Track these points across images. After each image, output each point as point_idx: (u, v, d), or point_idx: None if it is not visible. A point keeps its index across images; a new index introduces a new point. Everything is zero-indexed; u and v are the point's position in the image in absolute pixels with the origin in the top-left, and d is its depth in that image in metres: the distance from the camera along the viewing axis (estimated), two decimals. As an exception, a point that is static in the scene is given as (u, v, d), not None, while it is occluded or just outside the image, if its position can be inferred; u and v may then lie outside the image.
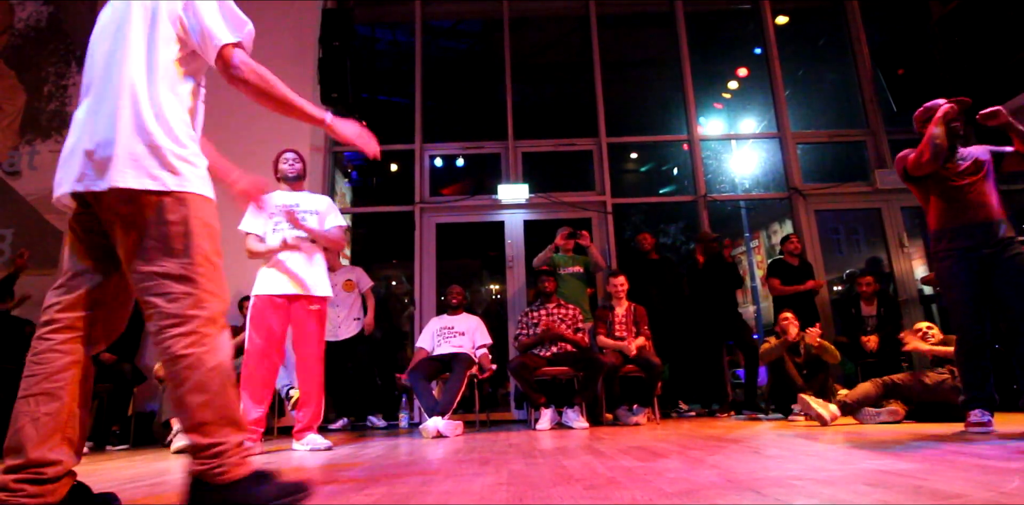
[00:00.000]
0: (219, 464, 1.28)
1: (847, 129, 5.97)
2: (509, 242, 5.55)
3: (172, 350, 1.32)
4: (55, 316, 1.40)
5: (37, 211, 5.10)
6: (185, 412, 1.30)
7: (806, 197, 5.61)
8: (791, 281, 4.90)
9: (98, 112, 1.40)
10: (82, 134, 1.40)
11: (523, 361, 4.21)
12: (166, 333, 1.33)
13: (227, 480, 1.28)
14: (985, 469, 1.58)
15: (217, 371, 1.33)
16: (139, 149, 1.35)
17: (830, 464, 1.83)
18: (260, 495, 1.28)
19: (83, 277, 1.44)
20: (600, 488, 1.57)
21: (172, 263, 1.35)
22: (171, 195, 1.36)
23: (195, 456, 1.30)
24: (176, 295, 1.34)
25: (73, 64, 5.47)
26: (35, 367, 1.37)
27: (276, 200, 3.03)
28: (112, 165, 1.32)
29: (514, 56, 6.05)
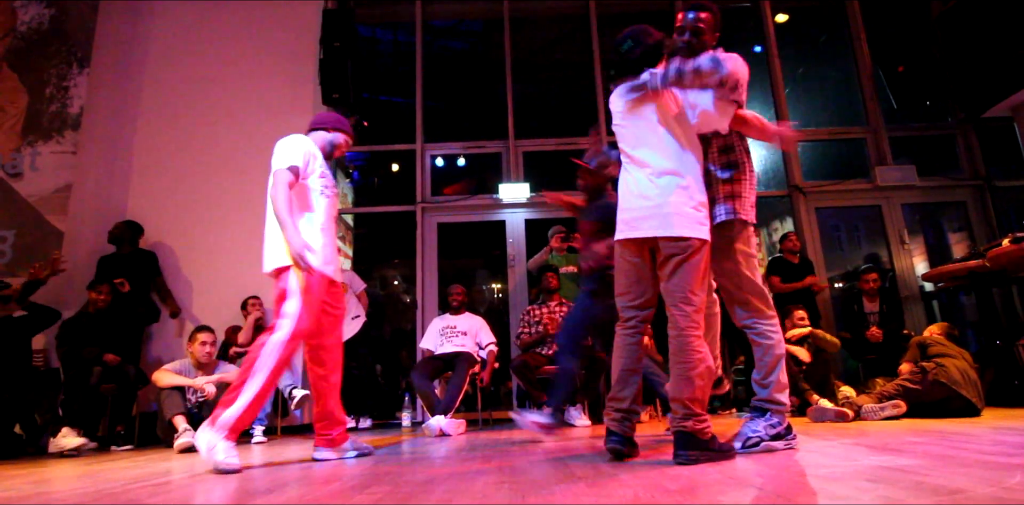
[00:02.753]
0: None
1: (847, 126, 5.96)
2: (510, 241, 5.55)
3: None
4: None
5: (38, 212, 5.11)
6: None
7: (806, 195, 5.60)
8: (791, 279, 4.89)
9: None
10: None
11: (525, 360, 4.21)
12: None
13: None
14: (987, 465, 1.58)
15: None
16: None
17: (832, 460, 1.83)
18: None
19: None
20: (602, 486, 1.57)
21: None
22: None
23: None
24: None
25: (74, 66, 5.47)
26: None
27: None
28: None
29: (515, 55, 6.04)
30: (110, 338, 4.15)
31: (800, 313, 4.20)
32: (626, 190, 2.13)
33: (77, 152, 5.23)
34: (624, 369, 2.17)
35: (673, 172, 2.06)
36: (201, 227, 5.16)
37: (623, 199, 2.14)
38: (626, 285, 2.18)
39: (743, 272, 2.21)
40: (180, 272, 5.08)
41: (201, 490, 1.83)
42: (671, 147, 2.09)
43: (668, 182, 2.05)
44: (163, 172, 5.32)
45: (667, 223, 2.01)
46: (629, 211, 2.11)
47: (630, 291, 2.18)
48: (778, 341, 2.22)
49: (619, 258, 2.18)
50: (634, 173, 2.12)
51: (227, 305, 4.77)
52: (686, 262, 2.01)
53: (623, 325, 2.20)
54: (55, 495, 1.87)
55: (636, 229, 2.08)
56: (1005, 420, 2.86)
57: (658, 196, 2.04)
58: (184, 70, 5.57)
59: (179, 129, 5.43)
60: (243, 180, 5.25)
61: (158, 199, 5.24)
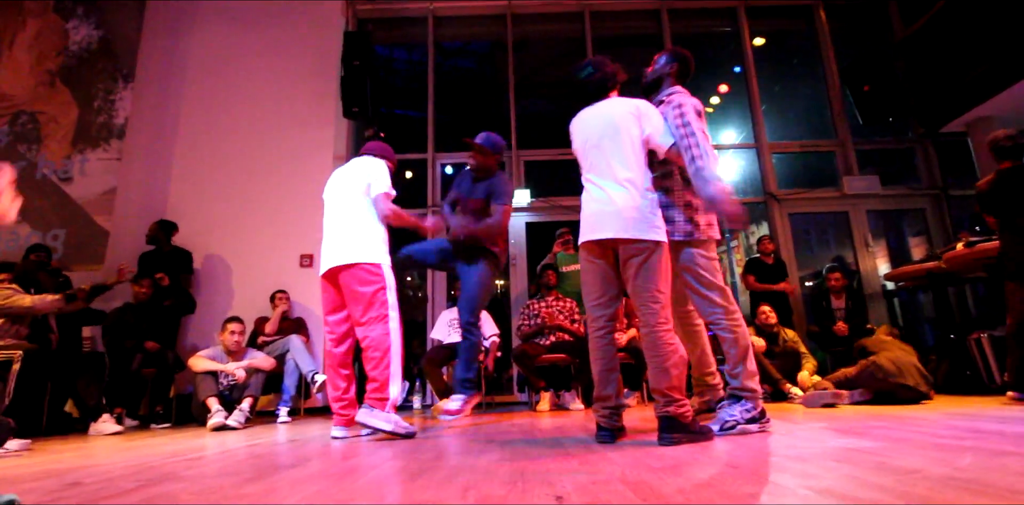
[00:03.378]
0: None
1: (818, 140, 5.95)
2: (512, 242, 5.55)
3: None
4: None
5: (87, 213, 5.13)
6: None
7: (780, 202, 5.60)
8: (766, 278, 4.89)
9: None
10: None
11: (525, 349, 4.21)
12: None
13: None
14: (940, 447, 1.58)
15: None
16: None
17: (801, 442, 1.83)
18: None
19: None
20: (593, 463, 1.58)
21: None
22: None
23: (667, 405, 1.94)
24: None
25: (120, 81, 5.49)
26: None
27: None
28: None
29: (518, 74, 6.05)
30: (151, 327, 4.16)
31: (763, 309, 4.26)
32: (589, 198, 2.14)
33: (122, 159, 5.25)
34: (604, 369, 2.13)
35: (631, 182, 2.07)
36: (232, 227, 5.17)
37: (586, 206, 2.14)
38: (592, 285, 2.15)
39: (702, 273, 2.23)
40: (214, 268, 5.09)
41: (232, 463, 1.84)
42: (633, 164, 2.11)
43: (628, 191, 2.06)
44: (199, 177, 5.33)
45: (625, 226, 2.02)
46: (592, 216, 2.11)
47: (596, 291, 2.14)
48: (741, 334, 2.22)
49: (584, 261, 2.15)
50: (597, 183, 2.12)
51: (256, 298, 4.78)
52: (646, 262, 2.01)
53: (593, 326, 2.15)
54: (101, 467, 1.88)
55: (597, 231, 2.07)
56: (957, 406, 2.86)
57: (618, 202, 2.05)
58: (219, 86, 5.58)
59: (214, 138, 5.43)
60: (271, 184, 5.26)
61: (194, 201, 5.25)
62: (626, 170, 2.09)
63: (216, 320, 4.71)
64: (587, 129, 2.20)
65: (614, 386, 2.12)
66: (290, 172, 5.30)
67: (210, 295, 4.99)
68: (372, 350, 2.52)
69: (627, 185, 2.07)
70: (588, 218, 2.11)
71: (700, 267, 2.23)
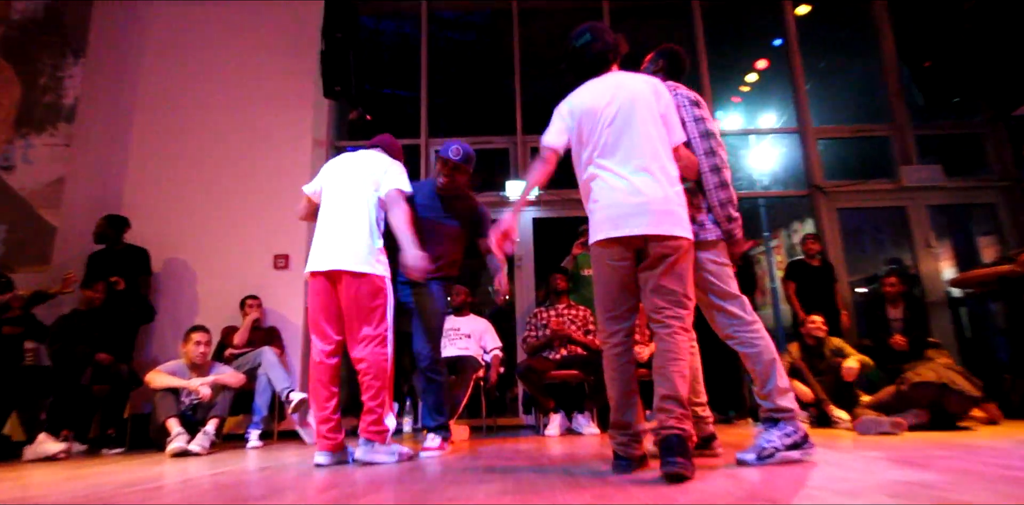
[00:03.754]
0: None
1: (871, 124, 5.92)
2: (517, 241, 5.54)
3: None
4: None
5: (31, 206, 5.15)
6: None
7: (828, 195, 5.57)
8: (810, 283, 4.86)
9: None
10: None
11: (531, 364, 4.21)
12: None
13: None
14: (1013, 480, 1.56)
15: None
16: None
17: (851, 474, 1.81)
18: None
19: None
20: (610, 497, 1.57)
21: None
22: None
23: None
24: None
25: (69, 56, 5.51)
26: None
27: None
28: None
29: (523, 48, 6.04)
30: (103, 337, 4.18)
31: (814, 319, 4.19)
32: (604, 188, 2.08)
33: (71, 145, 5.27)
34: (622, 393, 2.08)
35: (661, 169, 2.06)
36: (197, 223, 5.19)
37: (601, 197, 2.08)
38: (607, 294, 2.10)
39: (714, 280, 2.21)
40: (176, 270, 5.11)
41: (195, 495, 1.84)
42: (659, 147, 2.10)
43: (655, 179, 2.04)
44: (159, 166, 5.36)
45: (657, 220, 1.99)
46: (612, 208, 2.05)
47: (614, 299, 2.09)
48: (765, 347, 2.19)
49: (600, 264, 2.09)
50: (615, 170, 2.07)
51: (224, 304, 4.80)
52: (678, 263, 2.00)
53: (610, 342, 2.10)
54: (42, 499, 1.89)
55: (621, 227, 2.02)
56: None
57: (646, 192, 2.01)
58: (182, 61, 5.60)
59: (176, 122, 5.46)
60: (242, 174, 5.28)
61: (153, 194, 5.27)
62: (652, 155, 2.07)
63: (178, 329, 4.72)
64: (597, 104, 2.15)
65: (633, 411, 2.08)
66: (263, 160, 5.32)
67: (171, 301, 5.01)
68: (371, 377, 2.57)
69: (655, 172, 2.05)
70: (607, 211, 2.05)
71: (712, 274, 2.21)
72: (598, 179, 2.11)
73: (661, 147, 2.10)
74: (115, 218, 4.83)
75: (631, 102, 2.13)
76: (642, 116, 2.11)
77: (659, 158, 2.08)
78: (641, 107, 2.12)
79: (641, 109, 2.12)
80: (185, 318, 4.87)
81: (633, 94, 2.14)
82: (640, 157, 2.06)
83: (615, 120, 2.11)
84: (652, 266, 2.02)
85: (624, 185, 2.04)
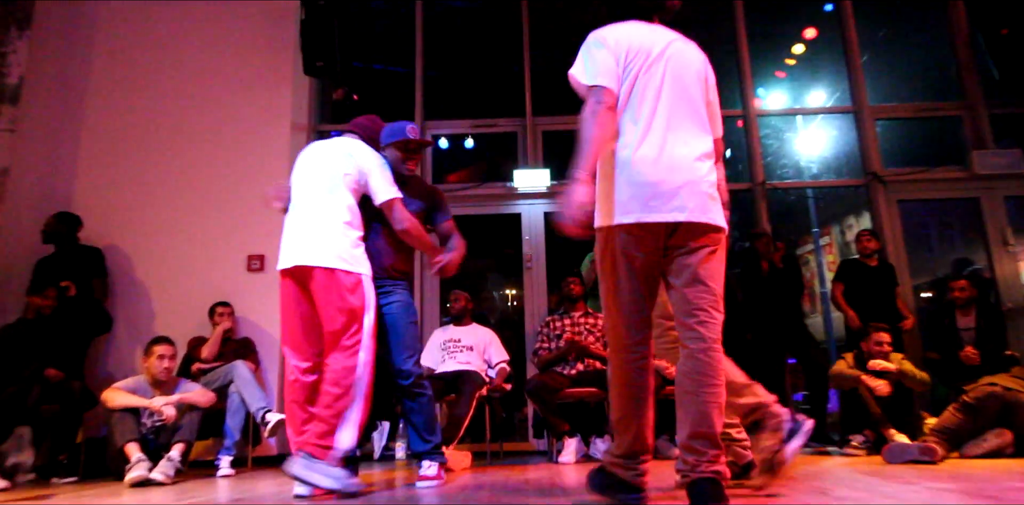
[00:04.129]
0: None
1: (938, 102, 5.87)
2: (527, 238, 5.54)
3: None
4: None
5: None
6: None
7: (887, 184, 5.54)
8: (864, 285, 4.82)
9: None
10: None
11: (543, 381, 4.20)
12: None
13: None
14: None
15: None
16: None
17: (915, 508, 1.80)
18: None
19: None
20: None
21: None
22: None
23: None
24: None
25: (12, 28, 5.54)
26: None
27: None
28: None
29: (533, 18, 6.04)
30: (53, 350, 4.20)
31: (882, 337, 4.12)
32: (642, 157, 1.93)
33: (15, 130, 5.30)
34: (643, 413, 1.98)
35: (706, 154, 2.02)
36: (161, 220, 5.21)
37: (638, 165, 1.93)
38: (635, 291, 1.96)
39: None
40: (135, 273, 5.14)
41: (155, 532, 1.85)
42: (705, 132, 2.06)
43: (703, 159, 2.00)
44: (116, 154, 5.38)
45: (703, 206, 1.93)
46: (648, 187, 1.91)
47: (640, 299, 1.97)
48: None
49: (621, 254, 1.94)
50: (656, 137, 1.95)
51: (191, 313, 4.82)
52: (715, 256, 1.95)
53: (638, 351, 1.97)
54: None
55: (659, 209, 1.89)
56: None
57: (698, 170, 1.96)
58: (141, 35, 5.62)
59: (135, 103, 5.48)
60: (210, 164, 5.30)
61: (110, 188, 5.30)
62: (700, 132, 2.03)
63: (138, 341, 4.74)
64: (649, 48, 2.03)
65: (650, 434, 2.00)
66: (235, 148, 5.34)
67: (130, 309, 5.04)
68: (330, 384, 2.56)
69: (701, 151, 2.00)
70: (638, 189, 1.91)
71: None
72: (629, 143, 1.96)
73: (706, 131, 2.06)
74: (68, 215, 4.86)
75: (686, 66, 2.07)
76: (694, 88, 2.06)
77: (705, 140, 2.04)
78: (692, 78, 2.07)
79: (692, 79, 2.07)
80: (146, 328, 4.90)
81: (687, 60, 2.09)
82: (688, 130, 2.00)
83: (666, 77, 2.02)
84: (687, 257, 1.93)
85: (665, 158, 1.93)
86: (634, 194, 1.91)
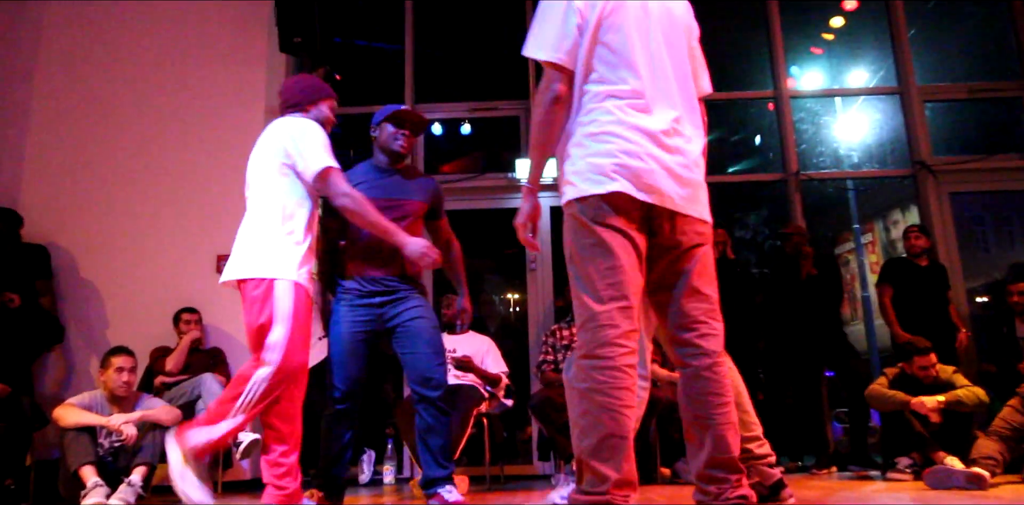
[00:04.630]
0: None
1: (995, 81, 5.88)
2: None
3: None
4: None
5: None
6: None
7: (937, 175, 5.54)
8: (914, 287, 4.82)
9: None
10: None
11: (549, 396, 4.21)
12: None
13: None
14: None
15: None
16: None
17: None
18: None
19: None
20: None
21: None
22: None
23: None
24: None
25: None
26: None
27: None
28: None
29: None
30: (-2, 362, 4.22)
31: (926, 361, 4.02)
32: (629, 128, 1.84)
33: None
34: (621, 432, 1.85)
35: (697, 126, 2.01)
36: (118, 217, 5.22)
37: (624, 135, 1.83)
38: (616, 279, 1.79)
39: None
40: (89, 277, 5.14)
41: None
42: (694, 95, 2.04)
43: (695, 138, 1.99)
44: (68, 144, 5.38)
45: (696, 196, 1.92)
46: (640, 158, 1.81)
47: (629, 285, 1.81)
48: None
49: (605, 230, 1.81)
50: (643, 112, 1.87)
51: (153, 320, 4.83)
52: (708, 255, 1.95)
53: (625, 346, 1.78)
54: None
55: (652, 190, 1.81)
56: None
57: (692, 150, 1.94)
58: (97, 5, 5.62)
59: (90, 85, 5.48)
60: (174, 153, 5.30)
61: (61, 182, 5.30)
62: (690, 100, 2.00)
63: (93, 352, 4.75)
64: (628, 3, 1.93)
65: (631, 456, 1.90)
66: (202, 133, 5.34)
67: (83, 316, 5.05)
68: (232, 384, 2.58)
69: (694, 126, 1.99)
70: (629, 160, 1.82)
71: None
72: (612, 118, 1.86)
73: (694, 93, 2.03)
74: (8, 212, 4.81)
75: (670, 19, 2.01)
76: (680, 43, 2.01)
77: (695, 108, 2.02)
78: (679, 30, 2.02)
79: (679, 33, 2.02)
80: (102, 338, 4.91)
81: (670, 8, 2.02)
82: (679, 99, 1.95)
83: (652, 36, 1.94)
84: (681, 262, 1.89)
85: (657, 136, 1.86)
86: (622, 166, 1.82)
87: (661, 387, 4.31)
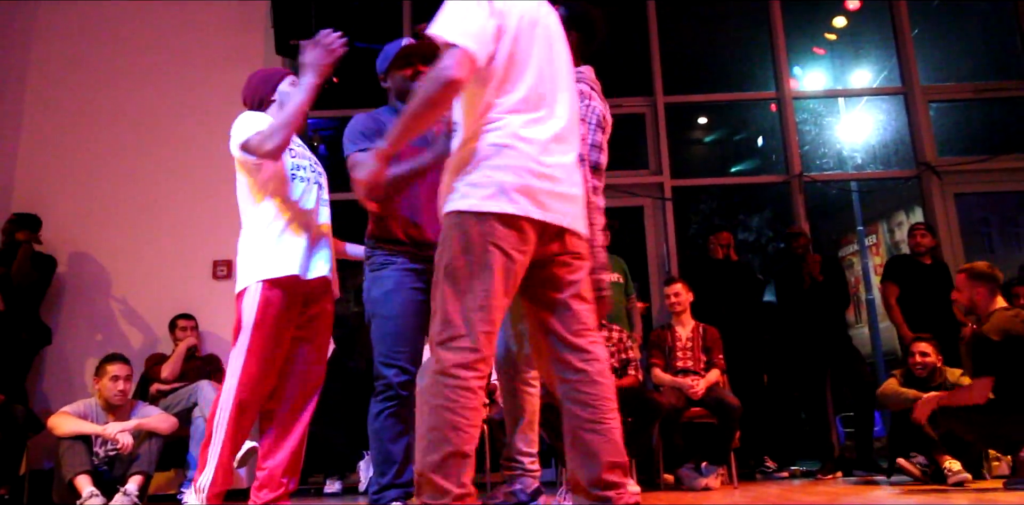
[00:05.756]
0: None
1: (1001, 81, 5.88)
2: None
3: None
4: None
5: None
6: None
7: (942, 176, 5.54)
8: (919, 285, 4.81)
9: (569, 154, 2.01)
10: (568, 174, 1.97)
11: (551, 402, 4.20)
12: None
13: None
14: None
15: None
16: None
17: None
18: None
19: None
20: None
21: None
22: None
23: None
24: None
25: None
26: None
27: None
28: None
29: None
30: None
31: (924, 348, 4.09)
32: (527, 144, 1.88)
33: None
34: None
35: (579, 154, 2.12)
36: (113, 220, 5.21)
37: (525, 154, 1.87)
38: (489, 303, 1.83)
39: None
40: (84, 282, 5.13)
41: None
42: (578, 121, 2.16)
43: (579, 162, 2.08)
44: (62, 145, 5.38)
45: (582, 212, 2.03)
46: (541, 178, 1.87)
47: (496, 315, 1.86)
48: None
49: (493, 256, 1.82)
50: (538, 132, 1.91)
51: (148, 327, 4.82)
52: (587, 269, 2.04)
53: (471, 377, 1.80)
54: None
55: (550, 209, 1.88)
56: None
57: (575, 177, 2.02)
58: (94, 7, 5.61)
59: (85, 91, 5.48)
60: (170, 156, 5.30)
61: (54, 187, 5.29)
62: (574, 123, 2.08)
63: (87, 359, 4.74)
64: (536, 20, 2.00)
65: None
66: (199, 138, 5.33)
67: (78, 324, 5.04)
68: (210, 416, 2.56)
69: (576, 151, 2.07)
70: (530, 186, 1.85)
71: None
72: (513, 139, 1.88)
73: (578, 105, 2.15)
74: (27, 218, 4.79)
75: (561, 46, 2.10)
76: (567, 67, 2.10)
77: (576, 131, 2.11)
78: (565, 56, 2.10)
79: (565, 58, 2.10)
80: (97, 345, 4.89)
81: (557, 34, 2.10)
82: (567, 123, 2.01)
83: (554, 58, 2.03)
84: (573, 272, 1.98)
85: (551, 158, 1.92)
86: (523, 185, 1.85)
87: (664, 392, 4.30)
